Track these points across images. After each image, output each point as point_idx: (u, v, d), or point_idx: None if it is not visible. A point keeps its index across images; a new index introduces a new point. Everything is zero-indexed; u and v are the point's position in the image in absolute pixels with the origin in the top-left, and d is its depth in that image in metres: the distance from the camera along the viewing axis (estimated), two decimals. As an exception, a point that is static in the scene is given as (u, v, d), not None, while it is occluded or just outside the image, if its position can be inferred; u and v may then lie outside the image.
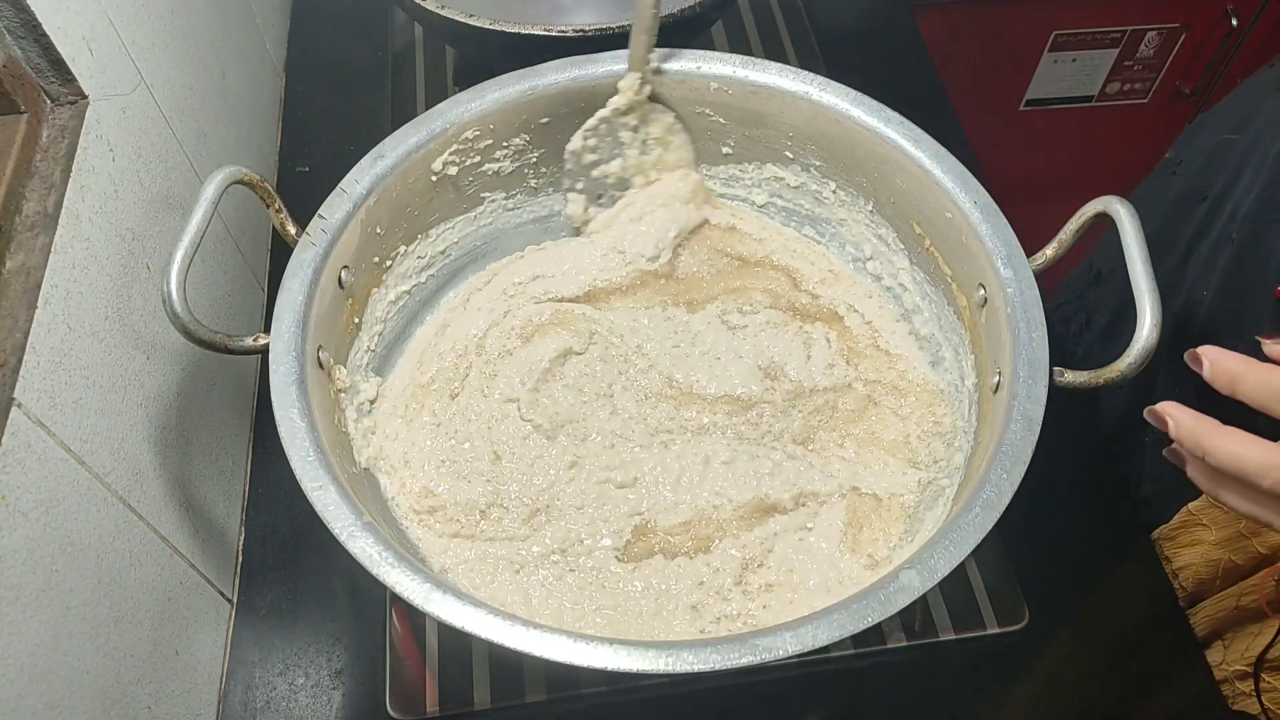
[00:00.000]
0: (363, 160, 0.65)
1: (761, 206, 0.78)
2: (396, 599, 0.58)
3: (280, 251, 0.79)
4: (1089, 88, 1.49)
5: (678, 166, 0.76)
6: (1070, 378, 0.56)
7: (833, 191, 0.74)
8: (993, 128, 1.51)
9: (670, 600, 0.60)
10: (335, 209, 0.63)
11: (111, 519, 0.56)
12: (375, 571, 0.49)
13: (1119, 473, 0.80)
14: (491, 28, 0.78)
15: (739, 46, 1.02)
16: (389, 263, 0.69)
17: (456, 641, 0.67)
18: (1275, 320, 0.64)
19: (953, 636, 0.68)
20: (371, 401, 0.67)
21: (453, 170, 0.70)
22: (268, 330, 0.58)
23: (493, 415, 0.67)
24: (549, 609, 0.60)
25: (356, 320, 0.67)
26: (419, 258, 0.72)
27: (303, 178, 0.93)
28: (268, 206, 0.62)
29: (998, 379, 0.59)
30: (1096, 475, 0.79)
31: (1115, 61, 1.45)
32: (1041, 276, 0.60)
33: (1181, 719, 0.69)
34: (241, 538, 0.74)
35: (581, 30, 0.77)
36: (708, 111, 0.73)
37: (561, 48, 0.75)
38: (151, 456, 0.62)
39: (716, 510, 0.63)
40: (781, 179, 0.76)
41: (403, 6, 0.84)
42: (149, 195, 0.66)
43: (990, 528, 0.50)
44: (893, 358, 0.71)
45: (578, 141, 0.73)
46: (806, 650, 0.47)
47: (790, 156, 0.74)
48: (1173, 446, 0.51)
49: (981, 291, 0.62)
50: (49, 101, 0.58)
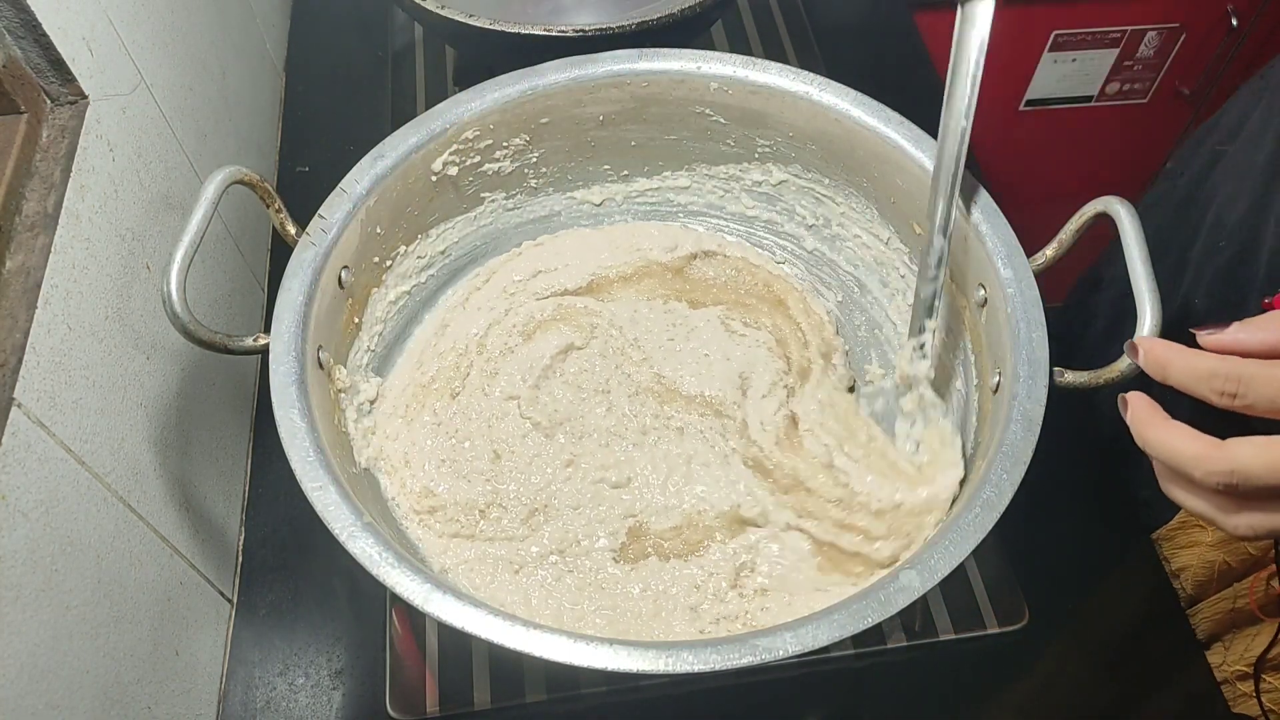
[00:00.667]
0: (363, 160, 0.65)
1: (765, 221, 0.79)
2: (396, 599, 0.58)
3: (280, 251, 0.79)
4: (1089, 88, 1.49)
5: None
6: (1070, 378, 0.56)
7: (833, 191, 0.74)
8: (993, 128, 1.52)
9: (669, 601, 0.60)
10: (335, 209, 0.63)
11: (111, 519, 0.56)
12: (375, 572, 0.49)
13: (1121, 467, 0.80)
14: (491, 28, 0.78)
15: (739, 46, 1.02)
16: (389, 263, 0.69)
17: (456, 641, 0.67)
18: None
19: (953, 636, 0.68)
20: (371, 401, 0.67)
21: (453, 170, 0.70)
22: (268, 330, 0.58)
23: (493, 414, 0.67)
24: (549, 609, 0.60)
25: (356, 320, 0.67)
26: (419, 258, 0.72)
27: (303, 178, 0.93)
28: (268, 206, 0.62)
29: (998, 379, 0.59)
30: (1096, 475, 0.79)
31: (1115, 61, 1.45)
32: (1041, 276, 0.60)
33: (1181, 715, 0.69)
34: (241, 538, 0.74)
35: (581, 30, 0.77)
36: (708, 111, 0.73)
37: (561, 48, 0.75)
38: (151, 456, 0.62)
39: (701, 516, 0.63)
40: (782, 180, 0.76)
41: (403, 6, 0.84)
42: (149, 195, 0.66)
43: (990, 528, 0.50)
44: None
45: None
46: (806, 650, 0.47)
47: (791, 156, 0.74)
48: (1123, 394, 0.50)
49: (981, 291, 0.62)
50: (49, 101, 0.58)
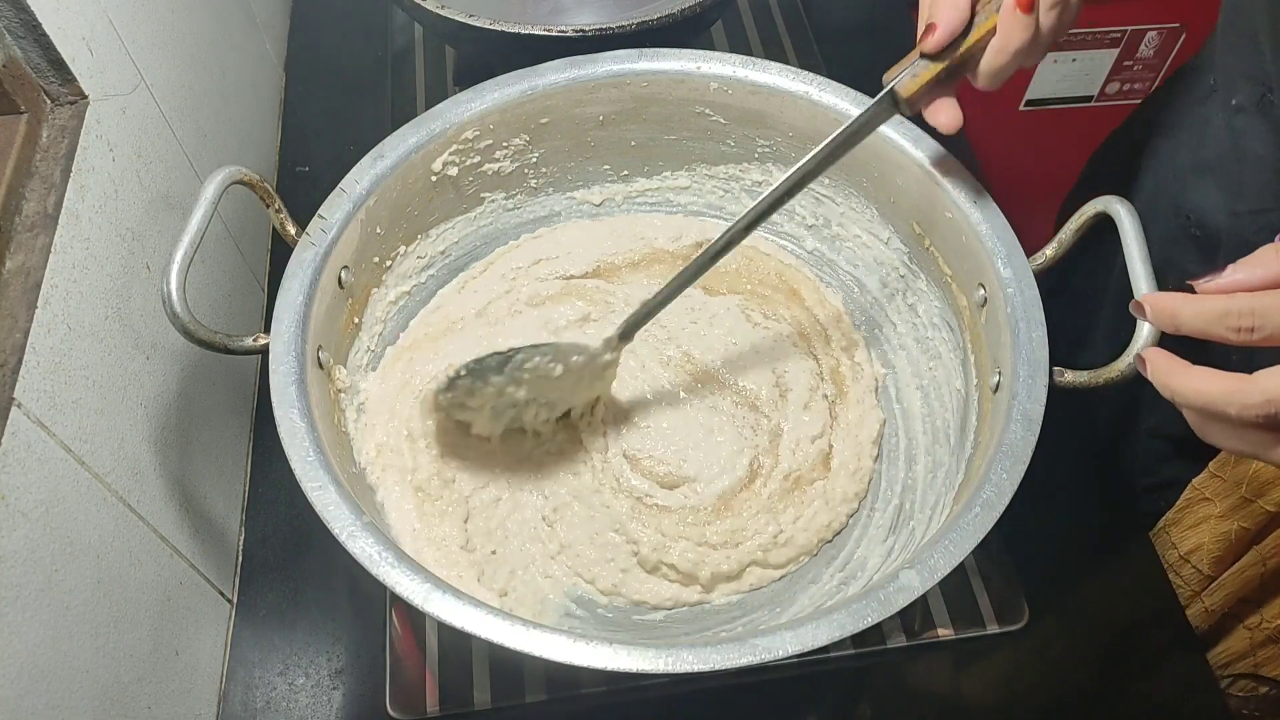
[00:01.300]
0: (363, 160, 0.65)
1: (764, 222, 0.78)
2: (396, 599, 0.58)
3: (280, 251, 0.79)
4: (1089, 88, 1.49)
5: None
6: (1070, 378, 0.56)
7: (832, 191, 0.74)
8: (993, 128, 1.51)
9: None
10: (335, 209, 0.63)
11: (111, 519, 0.56)
12: (375, 571, 0.49)
13: (1120, 463, 0.80)
14: (491, 28, 0.78)
15: (739, 46, 1.02)
16: (389, 263, 0.69)
17: (456, 641, 0.67)
18: None
19: (953, 636, 0.68)
20: (368, 401, 0.67)
21: (453, 170, 0.70)
22: (268, 330, 0.58)
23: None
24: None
25: (356, 320, 0.67)
26: (419, 258, 0.72)
27: (303, 178, 0.93)
28: (268, 206, 0.62)
29: (998, 379, 0.59)
30: (1096, 475, 0.79)
31: (1115, 61, 1.45)
32: (1041, 276, 0.60)
33: (1181, 717, 0.69)
34: (241, 538, 0.74)
35: (581, 30, 0.77)
36: (708, 111, 0.73)
37: (561, 48, 0.75)
38: (151, 456, 0.62)
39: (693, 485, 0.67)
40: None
41: (403, 6, 0.84)
42: (149, 195, 0.66)
43: (990, 528, 0.51)
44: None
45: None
46: (806, 650, 0.47)
47: (791, 156, 0.74)
48: (1139, 352, 0.50)
49: (981, 291, 0.62)
50: (49, 101, 0.58)
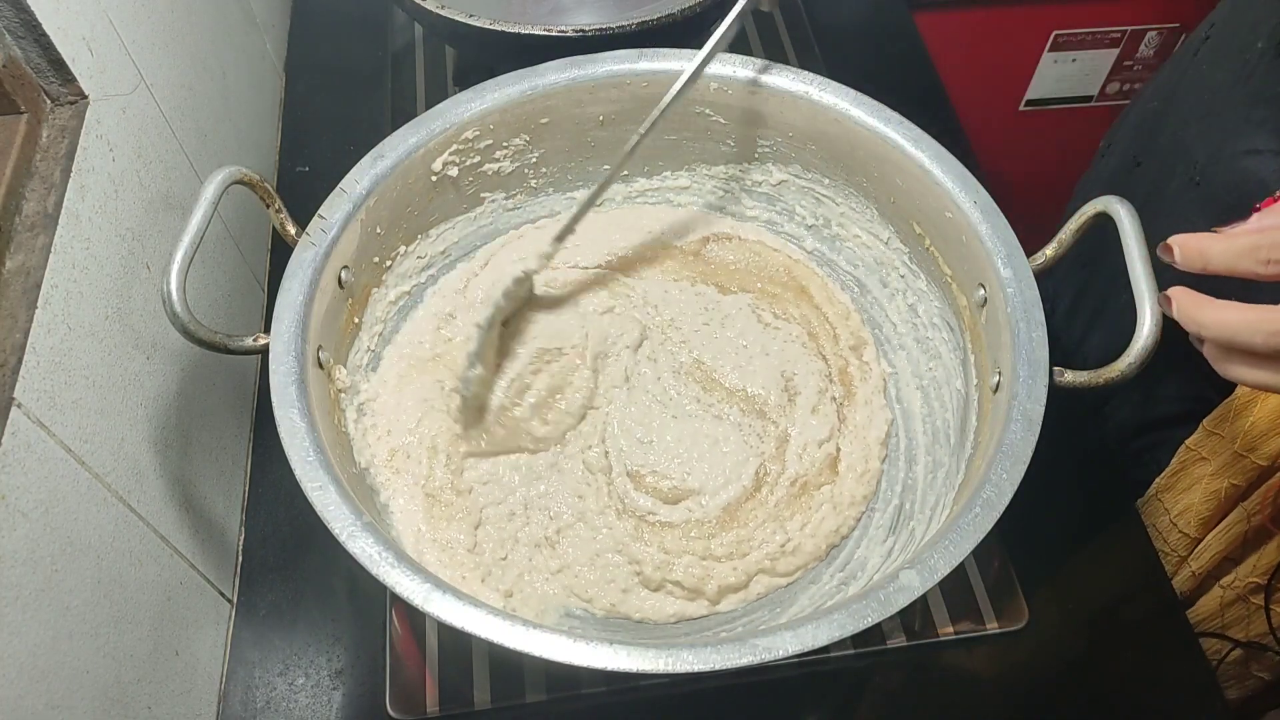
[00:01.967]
0: (363, 160, 0.65)
1: (766, 221, 0.78)
2: (396, 599, 0.58)
3: (280, 251, 0.79)
4: (1089, 88, 1.49)
5: None
6: (1070, 378, 0.56)
7: (832, 191, 0.74)
8: (993, 128, 1.51)
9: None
10: (335, 209, 0.63)
11: (111, 519, 0.56)
12: (375, 571, 0.49)
13: (1107, 432, 0.81)
14: (491, 28, 0.78)
15: (739, 46, 1.02)
16: (389, 263, 0.69)
17: (456, 641, 0.67)
18: None
19: (953, 636, 0.68)
20: (371, 401, 0.67)
21: (453, 171, 0.70)
22: (268, 330, 0.58)
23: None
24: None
25: (356, 320, 0.67)
26: (419, 258, 0.72)
27: (303, 178, 0.93)
28: (268, 206, 0.62)
29: (998, 379, 0.59)
30: (1096, 475, 0.79)
31: (1115, 61, 1.45)
32: (1042, 276, 0.61)
33: (1181, 716, 0.69)
34: (241, 538, 0.74)
35: (581, 30, 0.77)
36: (707, 111, 0.73)
37: (561, 48, 0.75)
38: (151, 456, 0.62)
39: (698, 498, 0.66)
40: (782, 180, 0.76)
41: (403, 6, 0.84)
42: (149, 195, 0.66)
43: (990, 528, 0.51)
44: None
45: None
46: (806, 650, 0.47)
47: (791, 156, 0.74)
48: (1163, 292, 0.51)
49: (981, 291, 0.62)
50: (49, 101, 0.58)
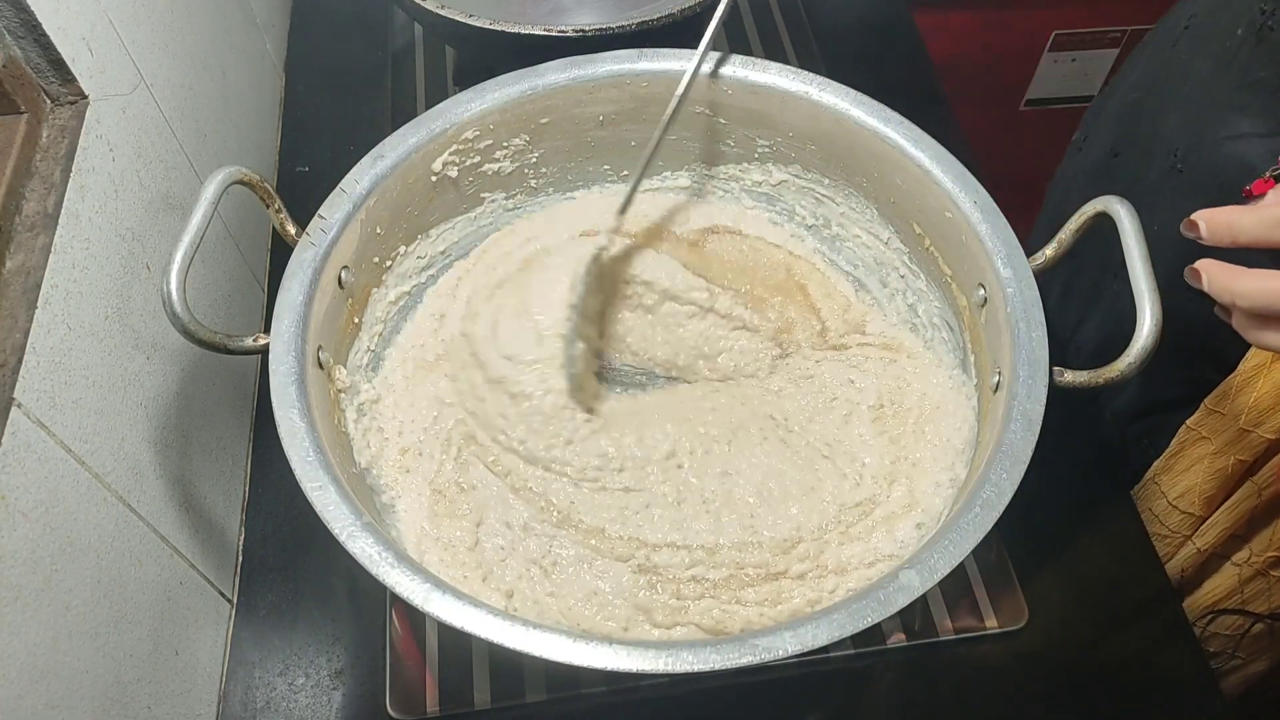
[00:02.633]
0: (363, 160, 0.65)
1: (766, 221, 0.79)
2: (396, 599, 0.58)
3: (280, 251, 0.79)
4: (1089, 88, 1.49)
5: None
6: (1070, 377, 0.56)
7: (832, 191, 0.74)
8: (993, 128, 1.51)
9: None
10: (335, 209, 0.63)
11: (111, 519, 0.56)
12: (375, 571, 0.49)
13: (1109, 416, 0.81)
14: (491, 28, 0.78)
15: (739, 46, 1.02)
16: (389, 263, 0.69)
17: (456, 641, 0.67)
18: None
19: (953, 636, 0.68)
20: (373, 403, 0.67)
21: (453, 171, 0.70)
22: (268, 330, 0.58)
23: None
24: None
25: (356, 320, 0.67)
26: (419, 258, 0.72)
27: (303, 178, 0.93)
28: (268, 206, 0.62)
29: (998, 379, 0.59)
30: (1096, 474, 0.79)
31: (1115, 61, 1.45)
32: (1041, 276, 0.60)
33: (1180, 715, 0.69)
34: (241, 538, 0.74)
35: (581, 30, 0.77)
36: (707, 111, 0.73)
37: (561, 48, 0.75)
38: (151, 456, 0.62)
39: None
40: (782, 180, 0.76)
41: (403, 6, 0.84)
42: (149, 195, 0.66)
43: (990, 528, 0.50)
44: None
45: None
46: (806, 650, 0.47)
47: (791, 156, 0.74)
48: (1191, 265, 0.51)
49: (981, 291, 0.62)
50: (49, 101, 0.58)
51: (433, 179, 0.69)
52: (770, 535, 0.61)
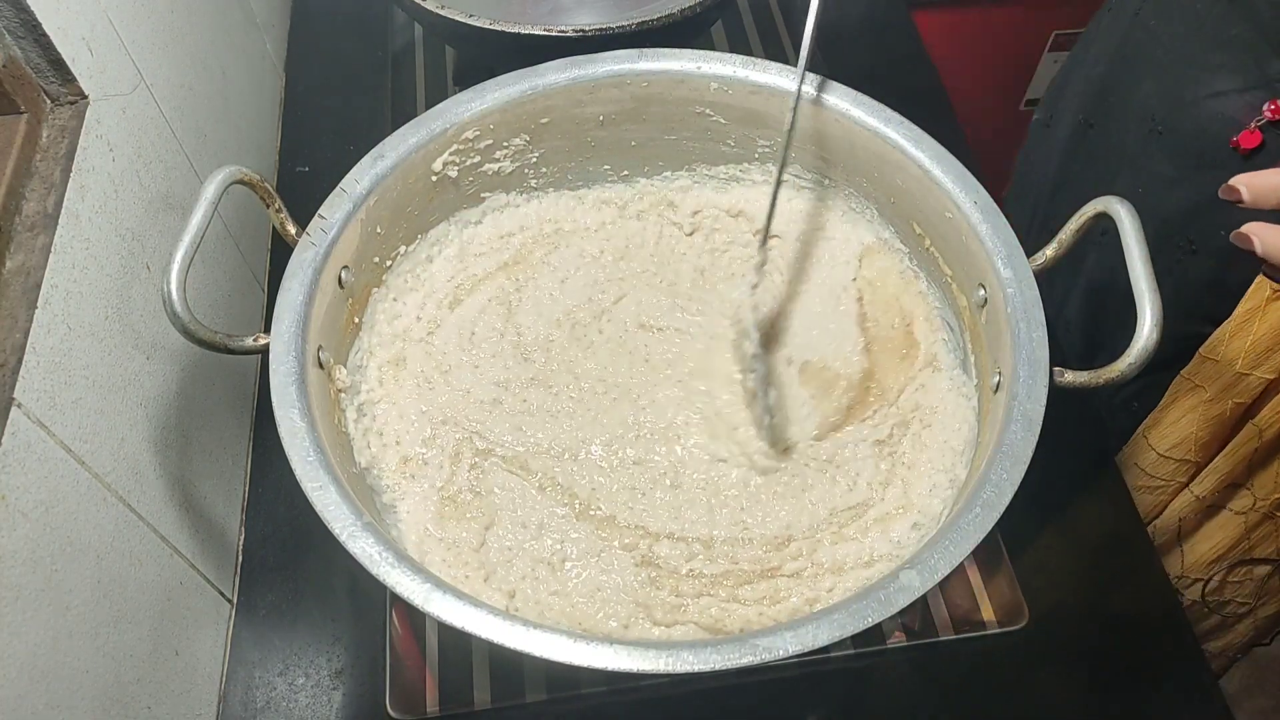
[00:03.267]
0: (363, 160, 0.65)
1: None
2: (396, 599, 0.58)
3: (280, 251, 0.79)
4: (1089, 88, 1.49)
5: None
6: (1070, 378, 0.56)
7: (833, 191, 0.74)
8: (993, 128, 1.51)
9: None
10: (335, 209, 0.63)
11: (111, 519, 0.56)
12: (375, 571, 0.49)
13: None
14: (491, 28, 0.78)
15: (739, 46, 1.02)
16: (389, 263, 0.69)
17: (456, 641, 0.67)
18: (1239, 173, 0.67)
19: (953, 636, 0.68)
20: (373, 404, 0.67)
21: (453, 171, 0.70)
22: (268, 330, 0.58)
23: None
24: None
25: (356, 320, 0.67)
26: (428, 258, 0.72)
27: (303, 178, 0.93)
28: (268, 206, 0.62)
29: (998, 379, 0.59)
30: (1096, 475, 0.79)
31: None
32: (1041, 276, 0.60)
33: (1180, 716, 0.69)
34: (241, 538, 0.74)
35: (581, 30, 0.77)
36: (708, 111, 0.73)
37: (561, 48, 0.75)
38: (151, 456, 0.62)
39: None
40: (782, 180, 0.76)
41: (403, 6, 0.84)
42: (149, 195, 0.66)
43: (990, 528, 0.50)
44: None
45: None
46: (806, 650, 0.47)
47: (791, 156, 0.74)
48: (1239, 230, 0.52)
49: (981, 291, 0.62)
50: (49, 101, 0.58)
51: (433, 179, 0.69)
52: (761, 532, 0.62)
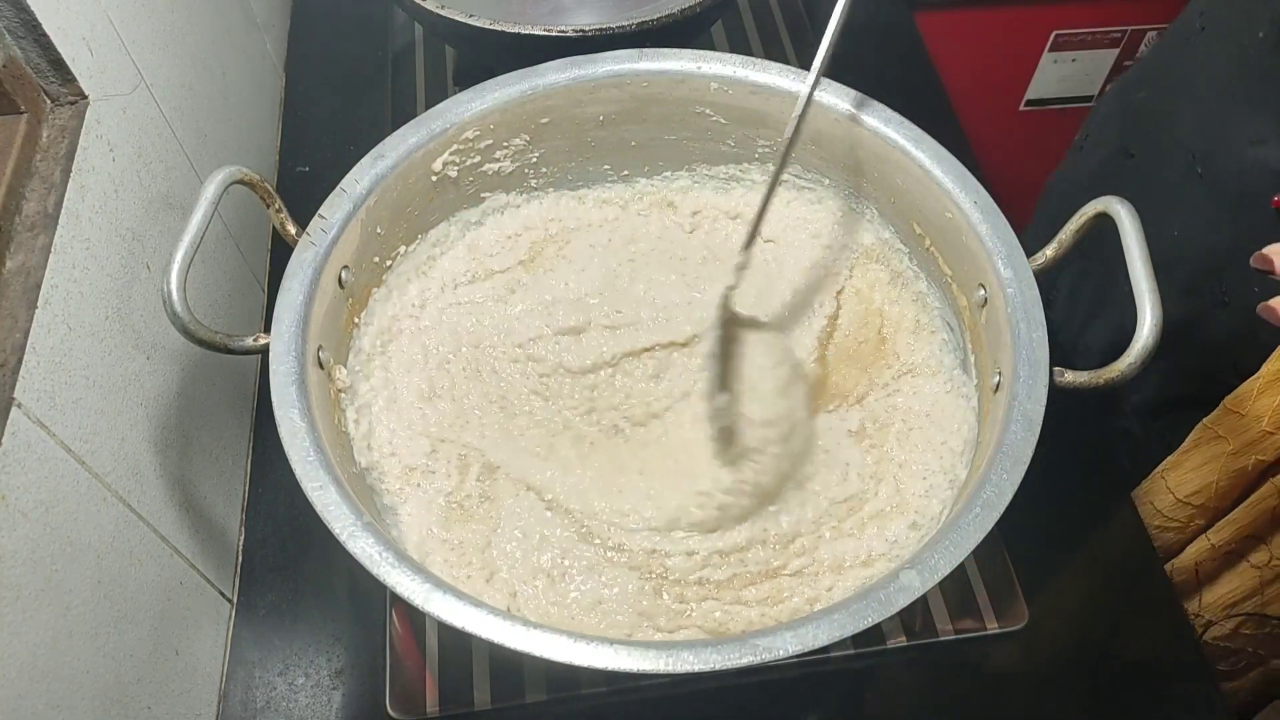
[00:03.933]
0: (363, 160, 0.65)
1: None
2: (396, 599, 0.58)
3: (280, 251, 0.79)
4: (1089, 88, 1.49)
5: None
6: (1070, 378, 0.56)
7: (833, 191, 0.74)
8: (993, 128, 1.51)
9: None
10: (335, 209, 0.63)
11: (111, 519, 0.56)
12: (375, 571, 0.49)
13: (1130, 411, 0.82)
14: (491, 28, 0.78)
15: (739, 46, 1.02)
16: (389, 263, 0.69)
17: (456, 641, 0.67)
18: (1277, 230, 0.65)
19: (953, 636, 0.68)
20: (370, 407, 0.67)
21: (453, 171, 0.70)
22: (268, 330, 0.58)
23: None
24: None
25: (356, 320, 0.67)
26: (429, 258, 0.72)
27: (303, 178, 0.93)
28: (268, 206, 0.62)
29: (998, 379, 0.59)
30: (1096, 475, 0.79)
31: (1115, 61, 1.45)
32: (1041, 276, 0.60)
33: (1180, 716, 0.69)
34: (241, 538, 0.74)
35: (581, 30, 0.77)
36: (707, 111, 0.73)
37: (561, 48, 0.75)
38: (151, 456, 0.62)
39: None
40: (783, 180, 0.76)
41: (403, 6, 0.84)
42: (149, 195, 0.66)
43: (990, 528, 0.50)
44: None
45: None
46: (806, 650, 0.47)
47: (790, 156, 0.74)
48: (1266, 303, 0.52)
49: (981, 291, 0.62)
50: (49, 101, 0.58)
51: (433, 179, 0.69)
52: (775, 532, 0.62)
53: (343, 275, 0.63)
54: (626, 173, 0.78)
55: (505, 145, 0.72)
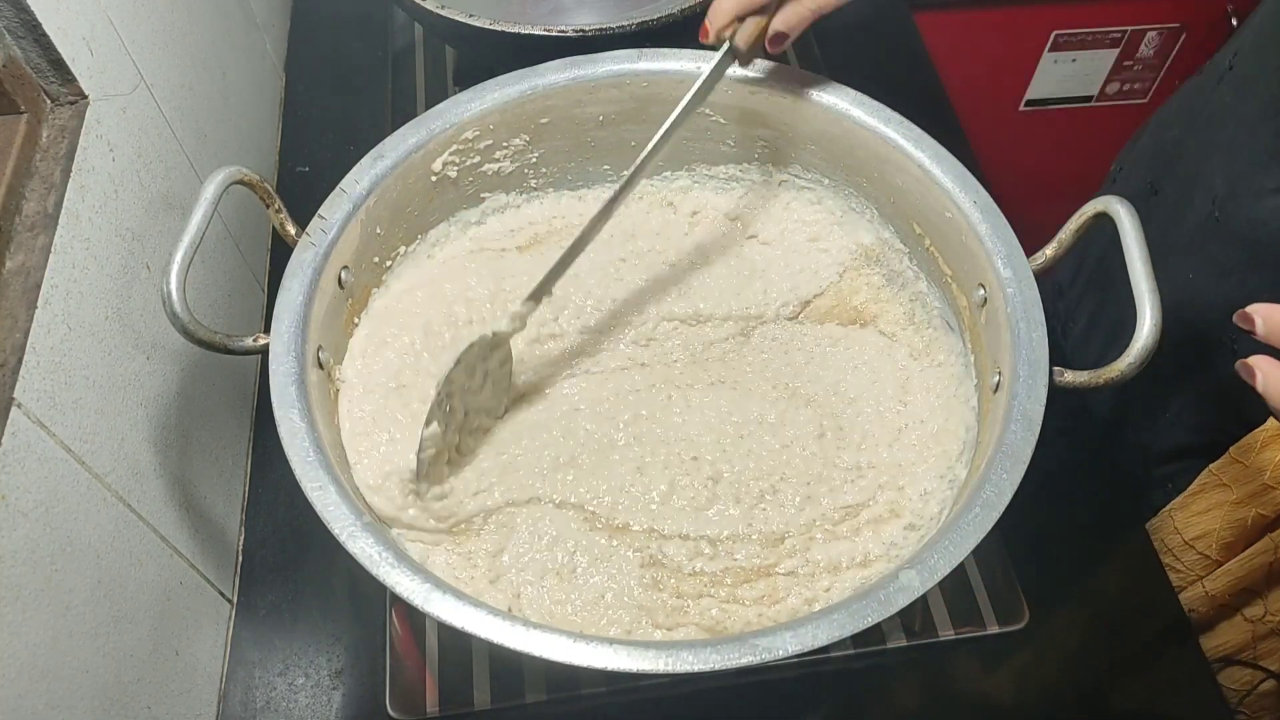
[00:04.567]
0: (363, 160, 0.65)
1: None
2: (396, 599, 0.58)
3: (280, 251, 0.79)
4: (1089, 88, 1.49)
5: None
6: (1070, 378, 0.56)
7: (833, 191, 0.74)
8: (993, 128, 1.51)
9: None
10: (335, 209, 0.63)
11: (111, 519, 0.56)
12: (375, 571, 0.49)
13: (1115, 465, 0.80)
14: (491, 28, 0.78)
15: (739, 46, 1.02)
16: (389, 263, 0.69)
17: (456, 641, 0.67)
18: None
19: (953, 636, 0.68)
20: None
21: (453, 171, 0.70)
22: (268, 330, 0.58)
23: None
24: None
25: (356, 320, 0.67)
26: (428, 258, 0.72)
27: (303, 178, 0.93)
28: (267, 206, 0.62)
29: (998, 379, 0.59)
30: (1096, 474, 0.79)
31: (1115, 61, 1.45)
32: (1041, 276, 0.60)
33: (1179, 717, 0.69)
34: (241, 538, 0.74)
35: (581, 30, 0.77)
36: (707, 111, 0.73)
37: (561, 48, 0.75)
38: (151, 456, 0.62)
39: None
40: (782, 180, 0.76)
41: (403, 6, 0.84)
42: (149, 195, 0.66)
43: (990, 528, 0.50)
44: None
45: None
46: (806, 650, 0.47)
47: (791, 156, 0.74)
48: (1244, 360, 0.50)
49: (981, 291, 0.62)
50: (49, 101, 0.58)
51: (433, 179, 0.69)
52: (760, 529, 0.62)
53: (342, 275, 0.63)
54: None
55: (505, 145, 0.72)
